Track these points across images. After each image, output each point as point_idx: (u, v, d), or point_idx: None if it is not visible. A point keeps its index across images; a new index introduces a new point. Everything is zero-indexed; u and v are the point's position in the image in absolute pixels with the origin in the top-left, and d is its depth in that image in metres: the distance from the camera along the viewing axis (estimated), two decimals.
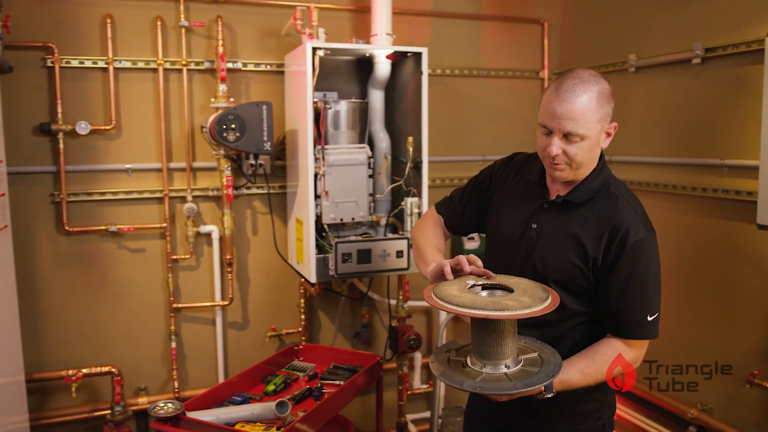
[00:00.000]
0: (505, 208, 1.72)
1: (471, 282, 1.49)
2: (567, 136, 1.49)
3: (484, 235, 1.94)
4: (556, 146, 1.50)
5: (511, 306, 1.35)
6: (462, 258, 1.54)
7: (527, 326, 1.56)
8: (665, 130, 2.91)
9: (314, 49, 2.54)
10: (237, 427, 2.06)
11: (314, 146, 2.60)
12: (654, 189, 2.89)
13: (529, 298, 1.40)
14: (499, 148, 3.48)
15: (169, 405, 2.03)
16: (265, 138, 2.62)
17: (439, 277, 1.56)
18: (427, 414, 3.44)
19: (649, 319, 1.52)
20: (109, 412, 2.70)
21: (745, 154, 2.49)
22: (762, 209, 2.13)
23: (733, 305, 2.59)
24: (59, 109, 2.64)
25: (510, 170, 1.79)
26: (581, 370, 1.50)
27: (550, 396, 1.43)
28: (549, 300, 1.41)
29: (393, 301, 3.08)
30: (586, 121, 1.47)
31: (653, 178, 2.91)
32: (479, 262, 1.53)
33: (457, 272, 1.54)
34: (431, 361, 1.54)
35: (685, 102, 2.79)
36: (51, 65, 2.64)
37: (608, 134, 1.56)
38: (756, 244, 2.46)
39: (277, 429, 2.04)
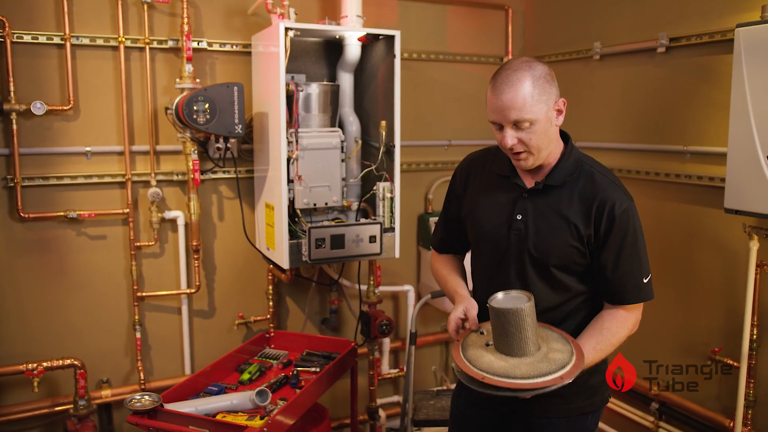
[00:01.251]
0: (481, 207, 1.73)
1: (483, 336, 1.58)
2: (516, 125, 1.53)
3: None
4: (510, 137, 1.54)
5: (562, 359, 1.46)
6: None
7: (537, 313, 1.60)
8: (628, 116, 2.99)
9: (286, 30, 2.48)
10: (218, 417, 2.01)
11: (286, 129, 2.55)
12: (618, 174, 2.95)
13: (559, 346, 1.51)
14: (465, 133, 3.50)
15: (146, 397, 1.97)
16: (237, 120, 2.54)
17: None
18: (395, 398, 3.46)
19: (645, 281, 1.59)
20: (71, 406, 2.57)
21: (707, 141, 2.59)
22: (729, 194, 2.22)
23: (695, 285, 2.70)
24: (12, 88, 2.47)
25: (473, 169, 1.82)
26: (593, 348, 1.54)
27: (569, 382, 1.45)
28: (574, 355, 1.48)
29: (363, 287, 3.06)
30: (528, 105, 1.50)
31: (617, 164, 2.99)
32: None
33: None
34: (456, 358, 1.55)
35: (648, 90, 2.87)
36: (2, 40, 2.46)
37: (559, 111, 1.59)
38: (717, 227, 2.57)
39: (260, 418, 2.00)
